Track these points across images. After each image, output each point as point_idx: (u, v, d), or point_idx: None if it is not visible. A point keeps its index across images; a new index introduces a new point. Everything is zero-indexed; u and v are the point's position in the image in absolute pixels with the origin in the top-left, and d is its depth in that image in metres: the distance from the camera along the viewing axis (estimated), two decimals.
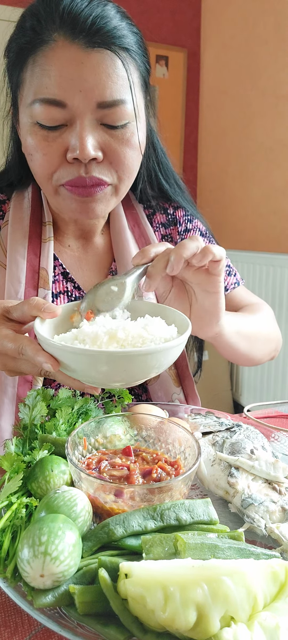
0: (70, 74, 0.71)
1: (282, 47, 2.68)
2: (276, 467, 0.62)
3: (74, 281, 0.91)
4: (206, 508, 0.52)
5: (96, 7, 0.72)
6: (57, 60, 0.71)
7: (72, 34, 0.71)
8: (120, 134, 0.76)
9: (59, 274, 0.91)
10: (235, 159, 3.15)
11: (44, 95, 0.73)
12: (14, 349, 0.61)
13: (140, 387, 0.98)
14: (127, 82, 0.75)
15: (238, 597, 0.39)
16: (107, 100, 0.73)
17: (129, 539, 0.48)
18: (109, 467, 0.58)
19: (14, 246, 0.87)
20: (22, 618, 0.46)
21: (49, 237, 0.89)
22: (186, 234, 1.01)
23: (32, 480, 0.55)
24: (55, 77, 0.71)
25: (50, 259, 0.88)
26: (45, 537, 0.43)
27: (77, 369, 0.57)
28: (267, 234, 2.88)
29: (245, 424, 0.74)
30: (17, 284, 0.85)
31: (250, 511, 0.57)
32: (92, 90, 0.72)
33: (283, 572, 0.43)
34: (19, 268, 0.86)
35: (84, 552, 0.47)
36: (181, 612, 0.38)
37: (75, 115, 0.73)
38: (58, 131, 0.74)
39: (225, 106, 3.22)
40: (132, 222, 0.98)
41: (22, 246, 0.87)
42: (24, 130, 0.78)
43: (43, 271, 0.87)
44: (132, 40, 0.76)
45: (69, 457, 0.54)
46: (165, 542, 0.47)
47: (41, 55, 0.73)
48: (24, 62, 0.75)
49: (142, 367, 0.56)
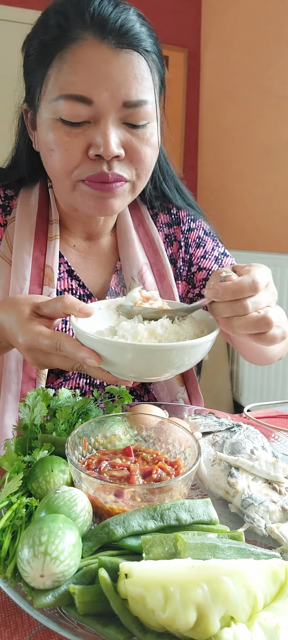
0: (98, 72, 0.73)
1: (283, 47, 2.68)
2: (276, 467, 0.62)
3: (79, 279, 0.92)
4: (206, 508, 0.52)
5: (122, 12, 0.75)
6: (86, 58, 0.73)
7: (101, 33, 0.73)
8: (141, 133, 0.78)
9: (64, 271, 0.91)
10: (235, 159, 3.15)
11: (70, 92, 0.73)
12: (50, 345, 0.62)
13: (142, 387, 0.98)
14: (151, 83, 0.78)
15: (238, 597, 0.39)
16: (132, 100, 0.75)
17: (129, 539, 0.48)
18: (109, 468, 0.58)
19: (20, 243, 0.87)
20: (22, 618, 0.46)
21: (55, 236, 0.89)
22: (189, 233, 1.02)
23: (32, 480, 0.55)
24: (84, 74, 0.73)
25: (56, 257, 0.88)
26: (45, 537, 0.43)
27: (119, 363, 0.59)
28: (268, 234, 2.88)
29: (245, 424, 0.74)
30: (22, 281, 0.85)
31: (250, 511, 0.57)
32: (118, 89, 0.74)
33: (283, 572, 0.43)
34: (24, 265, 0.86)
35: (84, 552, 0.47)
36: (181, 612, 0.38)
37: (100, 113, 0.74)
38: (81, 128, 0.75)
39: (225, 106, 3.22)
40: (137, 222, 0.98)
41: (29, 243, 0.88)
42: (44, 126, 0.78)
43: (48, 269, 0.87)
44: (152, 43, 0.79)
45: (69, 457, 0.54)
46: (165, 542, 0.47)
47: (69, 53, 0.74)
48: (49, 59, 0.76)
49: (181, 359, 0.58)
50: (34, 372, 0.85)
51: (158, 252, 0.98)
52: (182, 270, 1.01)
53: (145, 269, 0.94)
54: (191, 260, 1.01)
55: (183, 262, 1.01)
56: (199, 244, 1.02)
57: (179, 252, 1.01)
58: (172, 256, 1.00)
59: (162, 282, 0.97)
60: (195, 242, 1.02)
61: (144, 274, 0.94)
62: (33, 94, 0.81)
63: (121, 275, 0.96)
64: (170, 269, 0.97)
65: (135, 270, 0.94)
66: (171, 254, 1.00)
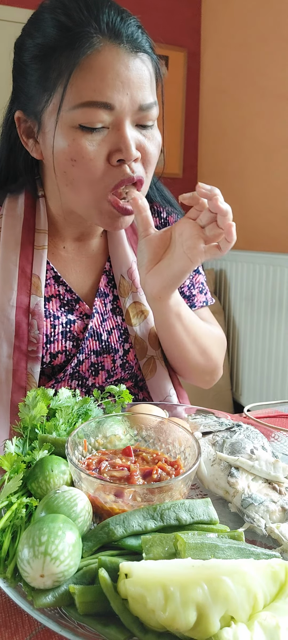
0: (119, 77, 0.74)
1: (282, 47, 2.68)
2: (276, 467, 0.63)
3: (66, 284, 0.92)
4: (206, 508, 0.52)
5: (127, 18, 0.78)
6: (106, 64, 0.74)
7: (117, 39, 0.75)
8: (150, 134, 0.81)
9: (50, 277, 0.91)
10: (235, 158, 3.15)
11: (91, 99, 0.74)
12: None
13: (136, 386, 0.98)
14: (155, 85, 0.82)
15: (238, 597, 0.39)
16: (147, 103, 0.78)
17: (129, 539, 0.48)
18: (109, 468, 0.58)
19: (6, 254, 0.87)
20: (22, 618, 0.46)
21: (42, 245, 0.89)
22: None
23: (32, 480, 0.55)
24: (105, 79, 0.74)
25: (43, 267, 0.88)
26: (45, 537, 0.43)
27: None
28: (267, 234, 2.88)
29: (245, 424, 0.74)
30: (9, 291, 0.85)
31: (250, 511, 0.57)
32: (137, 93, 0.76)
33: (283, 572, 0.43)
34: (11, 275, 0.86)
35: (84, 552, 0.47)
36: (181, 612, 0.38)
37: (120, 117, 0.76)
38: (100, 134, 0.76)
39: (225, 106, 3.22)
40: None
41: (14, 253, 0.87)
42: (60, 135, 0.77)
43: (35, 278, 0.87)
44: (151, 45, 0.82)
45: (69, 457, 0.54)
46: (165, 542, 0.47)
47: (87, 59, 0.74)
48: (67, 68, 0.74)
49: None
50: (24, 381, 0.85)
51: None
52: None
53: (135, 267, 0.95)
54: None
55: None
56: None
57: None
58: None
59: None
60: None
61: (133, 272, 0.95)
62: (33, 100, 0.80)
63: (110, 276, 0.96)
64: None
65: (124, 268, 0.95)
66: None
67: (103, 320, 0.93)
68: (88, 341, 0.90)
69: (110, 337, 0.93)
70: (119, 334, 0.94)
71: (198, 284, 1.04)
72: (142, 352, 0.94)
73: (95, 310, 0.92)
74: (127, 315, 0.94)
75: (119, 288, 0.95)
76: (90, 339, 0.91)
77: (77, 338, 0.90)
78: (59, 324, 0.89)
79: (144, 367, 0.95)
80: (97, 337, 0.91)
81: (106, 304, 0.94)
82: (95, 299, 0.93)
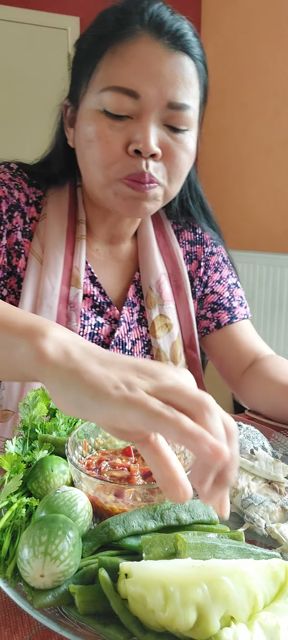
0: (149, 67, 0.74)
1: (282, 47, 2.68)
2: (276, 467, 0.63)
3: (101, 286, 0.92)
4: (206, 508, 0.52)
5: (178, 19, 0.77)
6: (139, 53, 0.74)
7: (157, 33, 0.74)
8: (179, 138, 0.79)
9: (86, 277, 0.91)
10: (235, 158, 3.15)
11: (118, 84, 0.74)
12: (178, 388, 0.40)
13: None
14: (197, 91, 0.80)
15: (238, 597, 0.39)
16: (177, 102, 0.76)
17: (129, 539, 0.48)
18: (109, 468, 0.58)
19: (53, 241, 0.87)
20: (22, 618, 0.46)
21: (82, 235, 0.89)
22: (211, 257, 1.04)
23: (32, 480, 0.55)
24: (134, 68, 0.74)
25: (82, 258, 0.88)
26: (45, 537, 0.43)
27: None
28: (267, 234, 2.88)
29: (245, 424, 0.74)
30: (54, 279, 0.85)
31: (250, 511, 0.57)
32: (166, 88, 0.75)
33: (283, 572, 0.43)
34: (57, 263, 0.86)
35: (84, 552, 0.47)
36: (181, 612, 0.38)
37: (145, 109, 0.75)
38: (123, 122, 0.75)
39: (225, 106, 3.22)
40: (158, 232, 0.99)
41: (60, 242, 0.87)
42: (86, 117, 0.78)
43: (75, 269, 0.87)
44: (202, 55, 0.81)
45: (69, 457, 0.54)
46: (165, 542, 0.47)
47: (122, 47, 0.74)
48: (101, 51, 0.76)
49: None
50: None
51: (177, 263, 0.99)
52: (197, 289, 1.02)
53: (163, 279, 0.95)
54: (207, 282, 1.03)
55: (200, 281, 1.03)
56: (217, 269, 1.04)
57: (198, 272, 1.02)
58: (190, 273, 1.02)
59: (179, 293, 0.98)
60: (214, 265, 1.04)
61: (161, 284, 0.95)
62: (77, 87, 0.81)
63: (139, 286, 0.96)
64: (187, 281, 0.99)
65: (153, 279, 0.95)
66: (189, 271, 1.02)
67: (129, 329, 0.94)
68: (113, 349, 0.91)
69: (134, 347, 0.93)
70: (143, 344, 0.94)
71: (238, 297, 1.04)
72: None
73: (123, 319, 0.93)
74: (152, 327, 0.94)
75: (146, 299, 0.95)
76: (115, 347, 0.91)
77: (103, 343, 0.91)
78: (88, 325, 0.89)
79: None
80: (121, 346, 0.92)
81: (133, 313, 0.95)
82: (123, 307, 0.93)
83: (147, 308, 0.95)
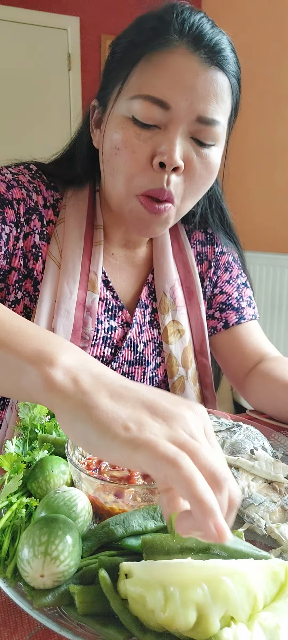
0: (183, 80, 0.72)
1: (283, 48, 2.68)
2: (276, 467, 0.62)
3: (113, 290, 0.92)
4: None
5: (218, 33, 0.75)
6: (174, 64, 0.72)
7: (194, 45, 0.73)
8: (205, 153, 0.78)
9: (101, 281, 0.91)
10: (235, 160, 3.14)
11: (150, 93, 0.73)
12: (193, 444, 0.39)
13: None
14: (228, 108, 0.78)
15: (238, 597, 0.39)
16: (207, 117, 0.75)
17: (128, 539, 0.48)
18: (109, 468, 0.58)
19: (71, 246, 0.86)
20: (21, 618, 0.46)
21: (99, 241, 0.89)
22: (221, 256, 1.04)
23: (32, 480, 0.55)
24: (169, 79, 0.72)
25: (100, 263, 0.88)
26: (45, 537, 0.43)
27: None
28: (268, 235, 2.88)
29: (245, 424, 0.74)
30: (73, 284, 0.85)
31: (250, 511, 0.57)
32: (198, 102, 0.73)
33: (283, 572, 0.43)
34: (76, 268, 0.86)
35: (84, 552, 0.47)
36: (181, 612, 0.38)
37: (173, 121, 0.74)
38: (150, 131, 0.74)
39: None
40: (172, 238, 0.99)
41: (79, 247, 0.87)
42: (113, 123, 0.77)
43: (92, 274, 0.87)
44: (237, 71, 0.79)
45: (69, 457, 0.54)
46: (165, 542, 0.46)
47: (158, 56, 0.73)
48: (136, 58, 0.75)
49: None
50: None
51: (190, 269, 0.99)
52: (207, 289, 1.03)
53: (177, 285, 0.96)
54: (216, 282, 1.03)
55: (210, 282, 1.03)
56: (227, 269, 1.04)
57: (208, 272, 1.03)
58: (201, 274, 1.02)
59: (191, 299, 0.98)
60: (224, 265, 1.04)
61: (175, 290, 0.95)
62: (108, 90, 0.80)
63: (152, 288, 0.96)
64: (200, 287, 0.99)
65: (167, 285, 0.95)
66: (200, 272, 1.02)
67: (141, 331, 0.94)
68: (124, 350, 0.91)
69: (145, 349, 0.94)
70: (154, 346, 0.95)
71: (247, 297, 1.04)
72: (173, 371, 0.95)
73: (135, 320, 0.93)
74: (164, 332, 0.95)
75: (159, 304, 0.95)
76: (127, 349, 0.92)
77: (115, 346, 0.91)
78: (102, 329, 0.90)
79: (173, 386, 0.96)
80: (133, 348, 0.92)
81: (145, 315, 0.95)
82: (136, 309, 0.93)
83: (160, 313, 0.95)
